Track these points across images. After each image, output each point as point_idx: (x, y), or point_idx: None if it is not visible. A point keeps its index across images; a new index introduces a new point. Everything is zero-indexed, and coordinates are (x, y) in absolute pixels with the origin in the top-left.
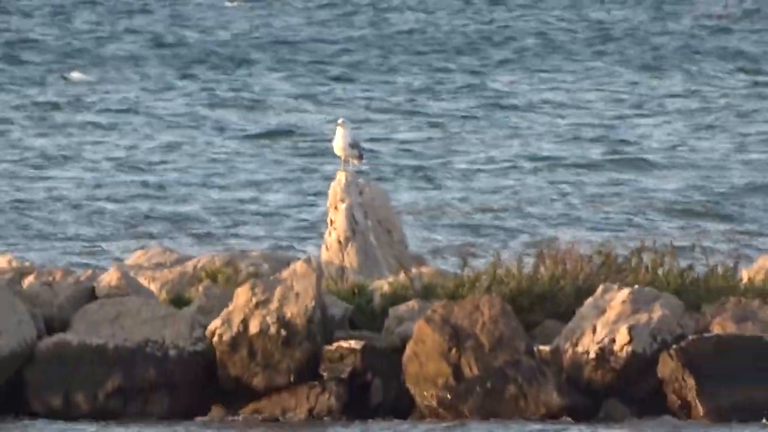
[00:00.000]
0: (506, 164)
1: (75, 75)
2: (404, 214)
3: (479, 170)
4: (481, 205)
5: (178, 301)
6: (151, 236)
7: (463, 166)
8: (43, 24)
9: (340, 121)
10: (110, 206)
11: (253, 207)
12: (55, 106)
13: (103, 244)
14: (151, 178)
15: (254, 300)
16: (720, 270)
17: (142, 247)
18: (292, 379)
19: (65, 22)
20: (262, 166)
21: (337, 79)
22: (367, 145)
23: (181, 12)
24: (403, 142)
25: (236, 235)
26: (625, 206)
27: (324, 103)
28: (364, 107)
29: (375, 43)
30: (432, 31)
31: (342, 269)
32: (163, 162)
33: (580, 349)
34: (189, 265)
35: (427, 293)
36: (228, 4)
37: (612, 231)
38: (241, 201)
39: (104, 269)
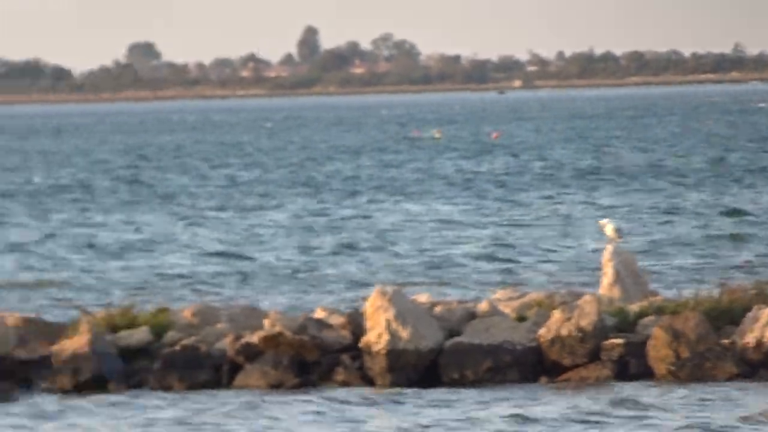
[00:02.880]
0: None
1: None
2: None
3: None
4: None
5: (521, 319)
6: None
7: None
8: None
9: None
10: None
11: None
12: None
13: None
14: None
15: (564, 317)
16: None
17: (502, 287)
18: (586, 360)
19: None
20: None
21: None
22: None
23: None
24: None
25: None
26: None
27: None
28: None
29: None
30: None
31: (609, 300)
32: None
33: None
34: (527, 299)
35: (660, 311)
36: None
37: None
38: None
39: (480, 300)
